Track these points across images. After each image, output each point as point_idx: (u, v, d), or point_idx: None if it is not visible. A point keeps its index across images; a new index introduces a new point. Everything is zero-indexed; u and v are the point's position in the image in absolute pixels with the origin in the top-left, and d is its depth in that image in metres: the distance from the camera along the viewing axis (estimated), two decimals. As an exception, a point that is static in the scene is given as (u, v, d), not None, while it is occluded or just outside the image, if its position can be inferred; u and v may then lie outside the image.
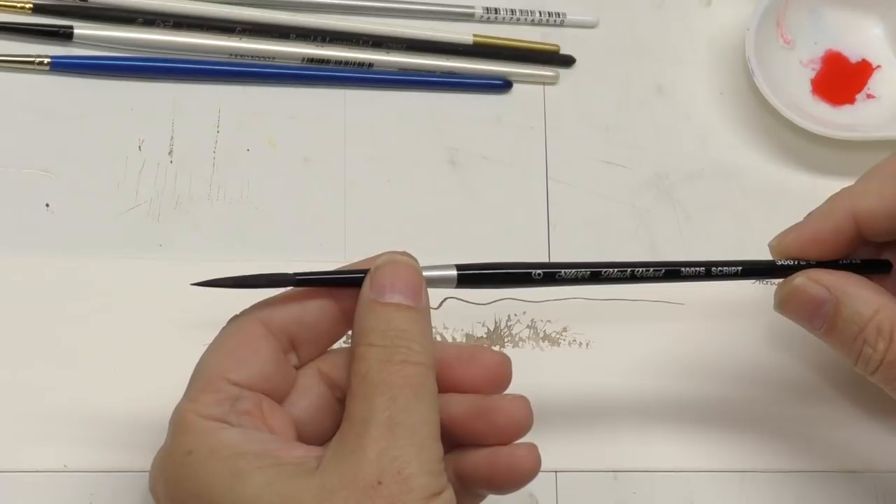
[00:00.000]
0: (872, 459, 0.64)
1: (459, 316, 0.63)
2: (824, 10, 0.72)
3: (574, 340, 0.64)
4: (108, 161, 0.63)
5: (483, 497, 0.53)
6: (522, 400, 0.52)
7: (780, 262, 0.58)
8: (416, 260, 0.51)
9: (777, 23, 0.71)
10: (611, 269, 0.55)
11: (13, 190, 0.61)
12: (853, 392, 0.65)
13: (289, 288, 0.51)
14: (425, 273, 0.51)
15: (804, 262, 0.58)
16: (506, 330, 0.63)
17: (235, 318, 0.51)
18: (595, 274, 0.55)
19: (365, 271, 0.51)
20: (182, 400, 0.49)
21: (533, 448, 0.52)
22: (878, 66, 0.72)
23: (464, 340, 0.63)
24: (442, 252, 0.64)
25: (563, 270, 0.54)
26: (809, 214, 0.59)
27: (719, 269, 0.57)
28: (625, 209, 0.67)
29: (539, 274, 0.54)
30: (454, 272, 0.52)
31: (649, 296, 0.65)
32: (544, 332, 0.64)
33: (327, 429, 0.52)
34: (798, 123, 0.68)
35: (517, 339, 0.63)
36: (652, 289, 0.65)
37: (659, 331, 0.65)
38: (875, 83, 0.72)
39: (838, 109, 0.71)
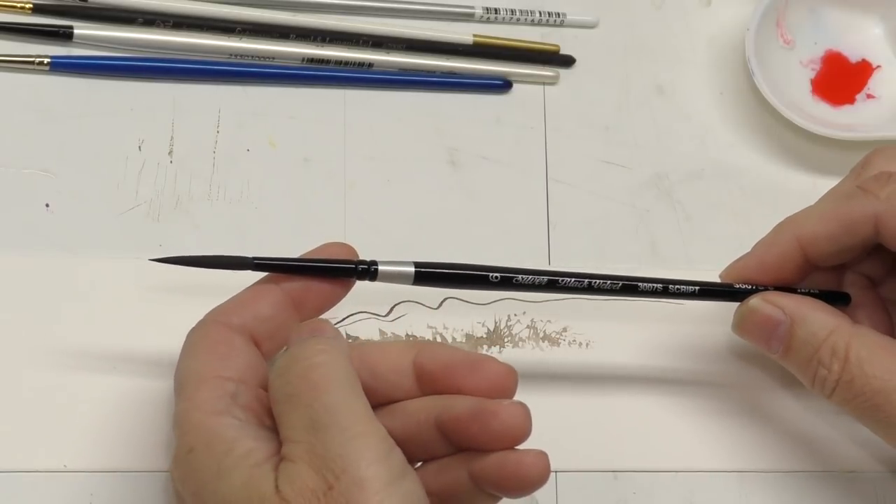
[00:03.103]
0: (872, 459, 0.64)
1: (459, 316, 0.63)
2: (824, 10, 0.72)
3: (574, 340, 0.64)
4: (108, 161, 0.63)
5: (499, 498, 0.53)
6: (520, 407, 0.51)
7: (737, 286, 0.59)
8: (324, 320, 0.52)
9: (777, 23, 0.71)
10: (568, 279, 0.56)
11: (13, 190, 0.61)
12: (853, 392, 0.65)
13: (244, 288, 0.52)
14: (383, 267, 0.52)
15: (762, 287, 0.58)
16: (506, 330, 0.63)
17: (195, 325, 0.51)
18: (552, 282, 0.56)
19: (321, 260, 0.52)
20: (180, 403, 0.49)
21: (541, 456, 0.51)
22: (878, 66, 0.72)
23: (464, 340, 0.63)
24: (442, 252, 0.64)
25: (519, 276, 0.55)
26: (757, 243, 0.59)
27: (677, 287, 0.58)
28: (625, 209, 0.67)
29: (496, 277, 0.55)
30: (412, 269, 0.53)
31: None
32: (544, 332, 0.64)
33: None
34: (798, 123, 0.68)
35: (517, 339, 0.63)
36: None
37: (659, 331, 0.65)
38: (875, 83, 0.72)
39: (838, 109, 0.71)
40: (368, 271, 0.52)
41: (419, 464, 0.52)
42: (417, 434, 0.52)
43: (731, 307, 0.60)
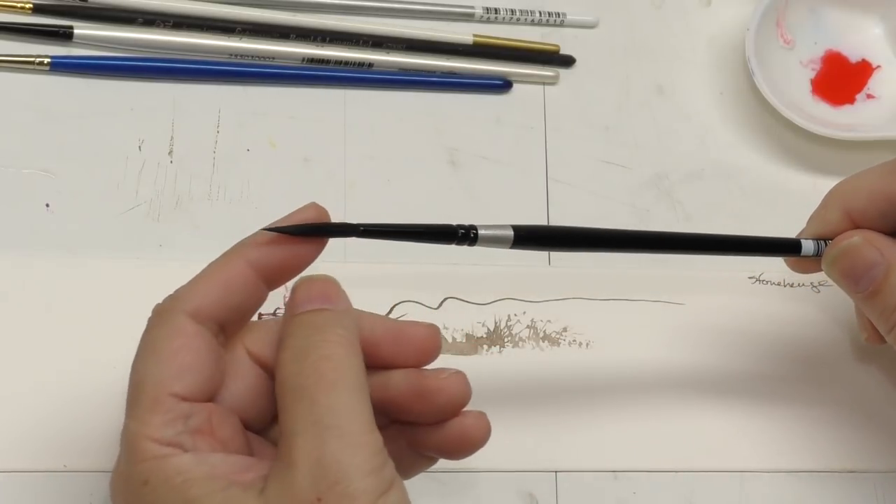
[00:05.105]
0: (872, 459, 0.64)
1: (459, 316, 0.63)
2: (824, 10, 0.72)
3: (574, 340, 0.64)
4: (108, 161, 0.63)
5: (436, 460, 0.53)
6: (459, 376, 0.51)
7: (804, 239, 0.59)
8: (332, 278, 0.50)
9: (777, 23, 0.71)
10: (655, 237, 0.57)
11: (13, 190, 0.61)
12: (853, 392, 0.65)
13: (210, 268, 0.50)
14: (483, 231, 0.51)
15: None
16: (506, 330, 0.63)
17: (161, 313, 0.50)
18: (641, 241, 0.57)
19: (424, 226, 0.51)
20: (130, 420, 0.48)
21: (481, 417, 0.51)
22: (878, 66, 0.72)
23: (464, 340, 0.63)
24: (442, 251, 0.64)
25: (611, 239, 0.56)
26: (810, 218, 0.59)
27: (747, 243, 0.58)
28: (625, 209, 0.67)
29: (591, 240, 0.55)
30: (510, 232, 0.52)
31: (649, 296, 0.65)
32: (544, 332, 0.64)
33: (269, 410, 0.51)
34: (798, 123, 0.68)
35: (517, 339, 0.63)
36: (652, 289, 0.65)
37: (659, 331, 0.65)
38: (875, 83, 0.72)
39: (838, 109, 0.71)
40: (468, 236, 0.52)
41: None
42: None
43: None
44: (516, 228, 0.53)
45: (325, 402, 0.46)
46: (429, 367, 0.52)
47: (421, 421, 0.51)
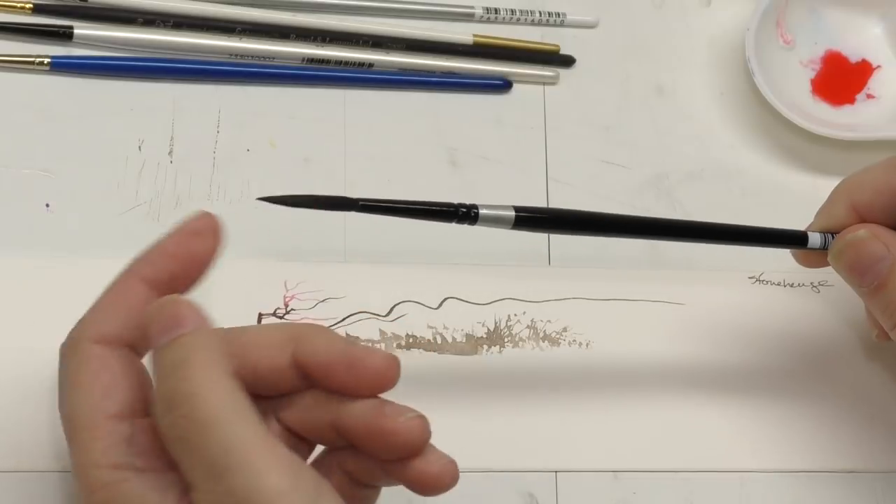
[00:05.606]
0: (872, 459, 0.64)
1: (459, 316, 0.63)
2: (824, 10, 0.72)
3: (574, 340, 0.64)
4: (108, 161, 0.63)
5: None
6: (417, 421, 0.49)
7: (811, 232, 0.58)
8: (178, 297, 0.48)
9: (777, 23, 0.71)
10: (659, 224, 0.57)
11: (13, 190, 0.61)
12: (854, 392, 0.65)
13: (108, 292, 0.49)
14: (483, 211, 0.51)
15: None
16: (506, 330, 0.63)
17: (70, 345, 0.49)
18: (645, 227, 0.57)
19: (424, 203, 0.51)
20: (76, 454, 0.47)
21: (448, 466, 0.49)
22: (878, 66, 0.72)
23: (464, 341, 0.63)
24: (442, 252, 0.64)
25: (614, 223, 0.56)
26: (817, 212, 0.59)
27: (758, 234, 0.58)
28: (625, 209, 0.67)
29: (593, 224, 0.55)
30: (511, 213, 0.52)
31: (649, 296, 0.65)
32: (544, 332, 0.64)
33: None
34: (798, 123, 0.68)
35: (517, 339, 0.63)
36: (652, 289, 0.65)
37: (659, 331, 0.65)
38: (875, 83, 0.72)
39: (838, 109, 0.71)
40: (469, 215, 0.51)
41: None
42: (316, 430, 0.50)
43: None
44: (518, 209, 0.52)
45: (212, 444, 0.44)
46: (395, 401, 0.50)
47: (378, 456, 0.50)
